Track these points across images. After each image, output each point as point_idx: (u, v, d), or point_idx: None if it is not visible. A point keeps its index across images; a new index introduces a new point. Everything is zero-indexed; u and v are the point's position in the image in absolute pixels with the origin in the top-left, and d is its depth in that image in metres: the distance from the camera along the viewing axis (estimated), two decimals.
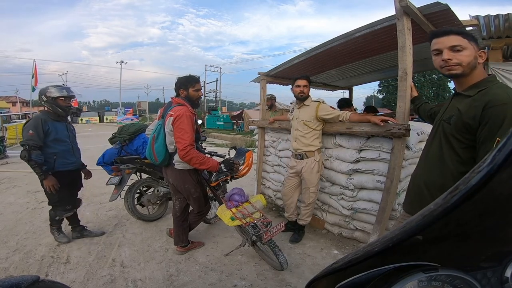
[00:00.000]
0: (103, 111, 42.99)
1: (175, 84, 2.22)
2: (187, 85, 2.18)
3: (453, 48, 1.08)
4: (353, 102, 4.37)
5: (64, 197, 2.46)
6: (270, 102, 5.01)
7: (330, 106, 2.68)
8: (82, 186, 2.76)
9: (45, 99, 2.38)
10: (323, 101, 2.49)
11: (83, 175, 2.71)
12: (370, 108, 4.69)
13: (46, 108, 2.44)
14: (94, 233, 2.70)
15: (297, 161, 2.55)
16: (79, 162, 2.65)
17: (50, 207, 2.52)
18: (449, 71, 1.11)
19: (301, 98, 2.53)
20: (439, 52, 1.12)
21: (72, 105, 2.57)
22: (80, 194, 2.74)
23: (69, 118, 2.69)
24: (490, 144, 0.98)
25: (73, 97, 2.53)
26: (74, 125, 2.75)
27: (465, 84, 1.12)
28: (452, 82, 1.24)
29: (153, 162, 2.22)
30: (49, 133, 2.34)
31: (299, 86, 2.50)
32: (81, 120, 31.31)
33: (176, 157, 2.11)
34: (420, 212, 0.34)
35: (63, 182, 2.40)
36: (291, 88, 2.61)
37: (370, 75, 4.22)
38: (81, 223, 2.74)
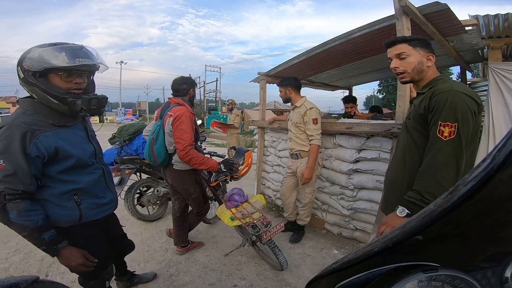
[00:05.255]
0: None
1: (183, 84, 2.19)
2: (195, 84, 2.29)
3: (399, 56, 1.22)
4: None
5: (103, 262, 1.34)
6: (231, 106, 5.67)
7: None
8: (123, 226, 1.70)
9: (22, 75, 1.04)
10: (311, 108, 2.42)
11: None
12: (374, 108, 4.76)
13: (34, 99, 1.09)
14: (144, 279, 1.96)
15: (293, 161, 2.57)
16: (116, 196, 1.41)
17: None
18: (401, 79, 1.26)
19: (286, 102, 2.63)
20: (391, 60, 1.26)
21: (86, 88, 1.17)
22: None
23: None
24: (434, 127, 1.09)
25: (92, 69, 1.14)
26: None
27: (420, 85, 1.25)
28: None
29: (152, 163, 2.21)
30: (54, 156, 1.10)
31: (280, 92, 2.59)
32: None
33: (175, 158, 2.10)
34: (420, 212, 0.34)
35: (97, 239, 1.31)
36: None
37: (370, 75, 4.22)
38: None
